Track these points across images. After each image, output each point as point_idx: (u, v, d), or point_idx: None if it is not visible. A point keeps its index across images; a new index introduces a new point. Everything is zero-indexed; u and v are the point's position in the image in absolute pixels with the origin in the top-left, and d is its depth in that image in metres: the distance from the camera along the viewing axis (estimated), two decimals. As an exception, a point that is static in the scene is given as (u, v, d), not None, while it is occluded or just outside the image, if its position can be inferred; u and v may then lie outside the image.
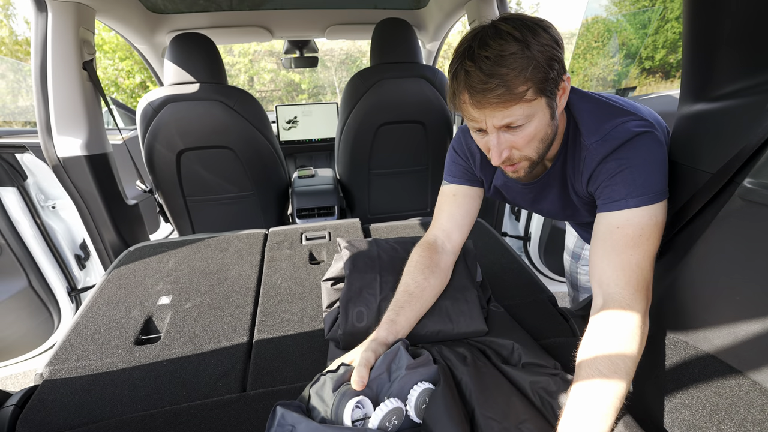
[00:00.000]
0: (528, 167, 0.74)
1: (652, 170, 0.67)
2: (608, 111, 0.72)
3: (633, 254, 0.64)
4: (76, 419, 0.73)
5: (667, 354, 0.65)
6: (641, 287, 0.62)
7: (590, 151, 0.71)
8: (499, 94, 0.62)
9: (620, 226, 0.66)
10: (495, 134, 0.68)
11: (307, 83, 17.50)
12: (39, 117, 1.28)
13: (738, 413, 0.52)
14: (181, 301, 1.03)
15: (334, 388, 0.61)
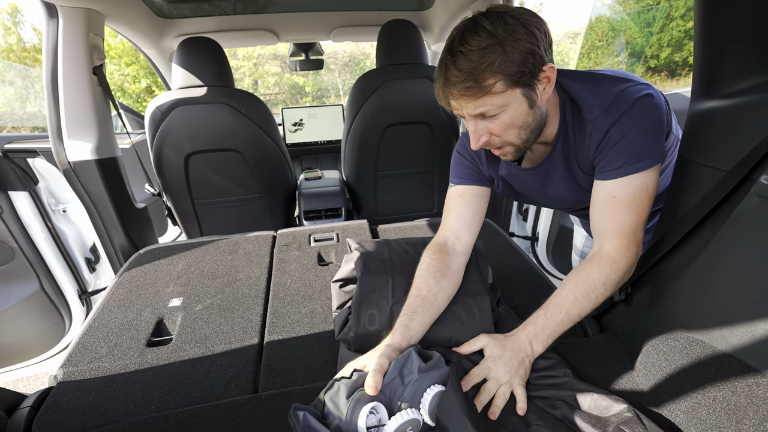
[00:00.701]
0: (514, 151, 0.80)
1: (649, 136, 0.72)
2: (605, 82, 0.76)
3: (627, 218, 0.74)
4: (90, 421, 0.73)
5: (683, 353, 0.64)
6: (632, 244, 0.75)
7: (596, 124, 0.74)
8: (468, 87, 0.68)
9: (616, 196, 0.74)
10: (472, 121, 0.75)
11: (311, 86, 17.58)
12: (50, 121, 1.29)
13: (757, 413, 0.51)
14: (192, 303, 1.03)
15: (348, 394, 0.60)
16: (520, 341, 0.74)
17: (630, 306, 0.86)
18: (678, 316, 0.68)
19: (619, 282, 0.76)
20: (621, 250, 0.75)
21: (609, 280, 0.74)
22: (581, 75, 0.79)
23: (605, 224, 0.76)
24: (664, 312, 0.73)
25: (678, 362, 0.65)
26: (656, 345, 0.71)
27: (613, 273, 0.74)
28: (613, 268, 0.75)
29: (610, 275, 0.74)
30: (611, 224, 0.75)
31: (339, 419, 0.58)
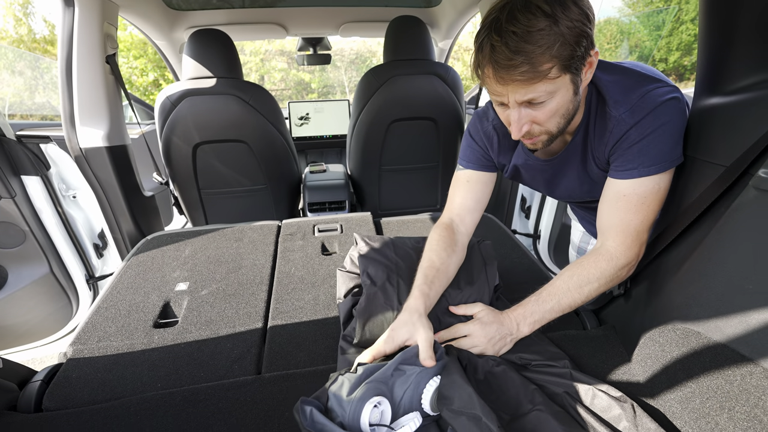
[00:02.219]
0: (546, 140, 0.76)
1: (668, 140, 0.70)
2: (634, 79, 0.72)
3: (633, 218, 0.73)
4: (99, 395, 0.76)
5: (678, 344, 0.65)
6: (635, 245, 0.75)
7: (618, 122, 0.71)
8: (524, 71, 0.62)
9: (626, 195, 0.73)
10: (516, 109, 0.69)
11: (317, 82, 17.60)
12: (63, 108, 1.32)
13: (749, 400, 0.52)
14: (198, 287, 1.05)
15: (351, 390, 0.60)
16: (509, 320, 0.77)
17: (628, 300, 0.87)
18: (675, 308, 0.69)
19: (614, 279, 0.76)
20: (622, 249, 0.75)
21: (604, 275, 0.75)
22: (612, 67, 0.76)
23: (611, 221, 0.76)
24: (662, 304, 0.74)
25: (674, 353, 0.66)
26: (653, 336, 0.72)
27: (609, 269, 0.75)
28: (611, 264, 0.75)
29: (606, 271, 0.75)
30: (617, 222, 0.75)
31: (342, 415, 0.58)
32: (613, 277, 0.76)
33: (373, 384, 0.60)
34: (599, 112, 0.76)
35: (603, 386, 0.66)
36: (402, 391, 0.63)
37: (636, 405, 0.62)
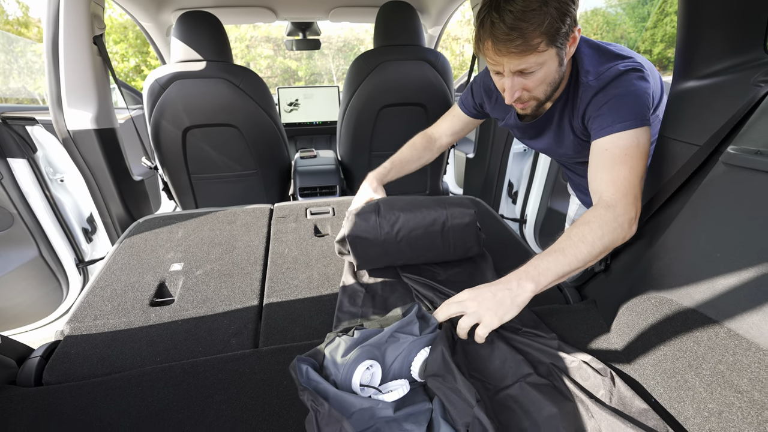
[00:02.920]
0: (535, 106, 0.88)
1: (633, 101, 0.78)
2: (606, 55, 0.84)
3: (620, 169, 0.76)
4: (99, 369, 0.77)
5: (653, 312, 0.70)
6: (629, 194, 0.74)
7: (586, 89, 0.83)
8: (518, 45, 0.73)
9: (608, 148, 0.78)
10: (510, 78, 0.81)
11: (304, 70, 17.34)
12: (50, 90, 1.29)
13: (713, 357, 0.57)
14: (192, 268, 1.07)
15: (345, 352, 0.64)
16: (509, 280, 0.72)
17: (609, 275, 0.92)
18: (650, 279, 0.74)
19: (619, 227, 0.72)
20: (617, 196, 0.74)
21: (607, 224, 0.72)
22: (594, 45, 0.87)
23: (600, 176, 0.78)
24: (639, 277, 0.79)
25: (648, 320, 0.71)
26: (630, 307, 0.77)
27: (612, 217, 0.72)
28: (610, 211, 0.73)
29: (609, 218, 0.72)
30: (605, 175, 0.77)
31: (336, 374, 0.62)
32: (615, 227, 0.72)
33: (368, 348, 0.63)
34: (576, 82, 0.87)
35: (587, 357, 0.71)
36: (393, 356, 0.67)
37: (616, 375, 0.66)
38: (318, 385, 0.59)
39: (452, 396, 0.60)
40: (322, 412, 0.55)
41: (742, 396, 0.53)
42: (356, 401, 0.59)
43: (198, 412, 0.67)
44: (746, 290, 0.55)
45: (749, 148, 0.56)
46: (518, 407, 0.64)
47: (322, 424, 0.54)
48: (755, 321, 0.53)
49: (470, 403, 0.57)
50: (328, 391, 0.59)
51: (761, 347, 0.52)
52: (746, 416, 0.52)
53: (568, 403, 0.63)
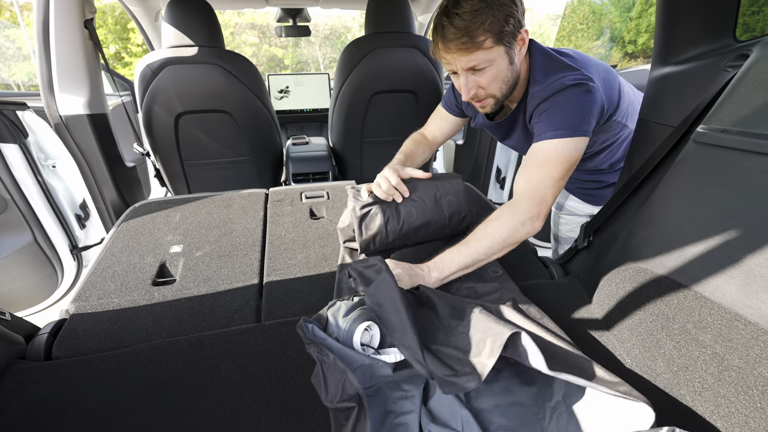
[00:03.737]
0: (493, 104, 0.94)
1: (570, 113, 0.84)
2: (557, 66, 0.89)
3: (536, 172, 0.85)
4: (107, 344, 0.80)
5: (630, 281, 0.76)
6: (535, 195, 0.83)
7: (533, 97, 0.90)
8: (464, 42, 0.80)
9: (535, 152, 0.87)
10: (464, 75, 0.87)
11: (290, 58, 17.06)
12: (41, 74, 1.28)
13: (682, 318, 0.63)
14: (192, 250, 1.09)
15: (346, 312, 0.69)
16: (423, 266, 0.84)
17: (591, 251, 0.98)
18: (629, 252, 0.80)
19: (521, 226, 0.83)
20: (524, 197, 0.84)
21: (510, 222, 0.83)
22: (548, 54, 0.92)
23: (521, 176, 0.88)
24: (619, 251, 0.84)
25: (626, 289, 0.77)
26: (609, 278, 0.83)
27: (513, 215, 0.83)
28: (513, 210, 0.84)
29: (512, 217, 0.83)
30: (524, 175, 0.87)
31: (338, 333, 0.67)
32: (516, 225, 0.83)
33: (367, 310, 0.68)
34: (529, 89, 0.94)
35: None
36: None
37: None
38: (324, 340, 0.64)
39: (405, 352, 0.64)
40: (327, 362, 0.60)
41: (705, 350, 0.59)
42: (357, 357, 0.63)
43: (207, 380, 0.71)
44: (712, 256, 0.61)
45: (717, 127, 0.61)
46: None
47: (327, 373, 0.59)
48: (719, 283, 0.59)
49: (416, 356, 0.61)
50: (332, 346, 0.63)
51: (723, 306, 0.58)
52: (708, 367, 0.58)
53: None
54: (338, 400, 0.57)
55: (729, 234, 0.58)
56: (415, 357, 0.56)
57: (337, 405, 0.56)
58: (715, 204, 0.61)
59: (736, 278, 0.57)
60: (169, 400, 0.67)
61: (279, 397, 0.67)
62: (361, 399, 0.56)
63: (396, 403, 0.62)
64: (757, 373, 0.52)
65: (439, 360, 0.57)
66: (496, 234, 0.83)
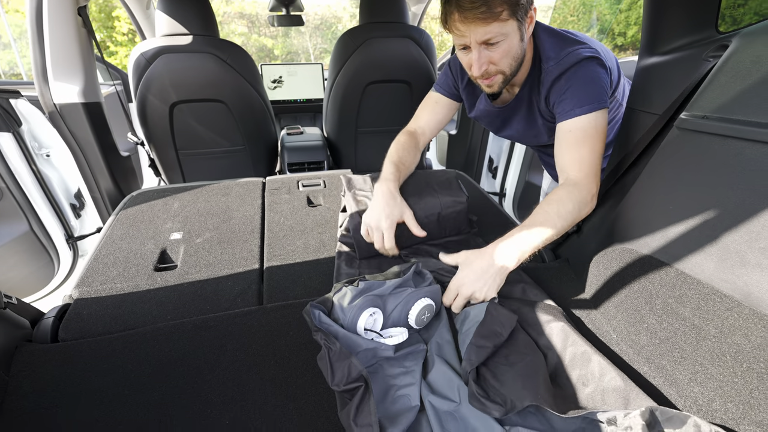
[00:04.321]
0: (502, 81, 0.92)
1: (593, 86, 0.85)
2: (565, 40, 0.91)
3: (582, 150, 0.85)
4: (113, 327, 0.82)
5: (617, 261, 0.80)
6: (591, 172, 0.85)
7: (548, 73, 0.90)
8: (482, 11, 0.79)
9: (571, 130, 0.87)
10: (477, 49, 0.86)
11: (280, 49, 16.83)
12: (35, 62, 1.28)
13: (664, 293, 0.67)
14: (192, 236, 1.11)
15: (351, 299, 0.72)
16: (500, 250, 0.79)
17: (580, 236, 1.02)
18: (616, 234, 0.84)
19: (586, 202, 0.83)
20: (581, 175, 0.85)
21: (576, 199, 0.82)
22: (553, 31, 0.94)
23: (566, 156, 0.88)
24: (606, 234, 0.89)
25: (613, 269, 0.81)
26: (597, 260, 0.87)
27: (579, 193, 0.83)
28: (578, 188, 0.83)
29: (577, 195, 0.83)
30: (572, 155, 0.87)
31: (343, 318, 0.70)
32: (583, 202, 0.83)
33: (371, 297, 0.71)
34: (537, 67, 0.94)
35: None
36: (393, 305, 0.75)
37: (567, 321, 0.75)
38: (329, 327, 0.67)
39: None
40: (333, 349, 0.63)
41: (685, 322, 0.63)
42: (362, 342, 0.67)
43: (213, 359, 0.74)
44: (691, 235, 0.65)
45: (698, 113, 0.65)
46: None
47: (334, 360, 0.62)
48: (698, 260, 0.64)
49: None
50: (338, 332, 0.66)
51: (701, 281, 0.62)
52: (688, 339, 0.62)
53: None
54: (344, 383, 0.60)
55: (707, 214, 0.62)
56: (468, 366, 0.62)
57: (343, 388, 0.60)
58: (696, 186, 0.65)
59: (713, 255, 0.61)
60: (178, 377, 0.69)
61: (284, 374, 0.70)
62: (365, 379, 0.59)
63: (397, 378, 0.65)
64: (731, 341, 0.57)
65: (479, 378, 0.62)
66: (568, 213, 0.81)
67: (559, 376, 0.66)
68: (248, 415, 0.63)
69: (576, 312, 0.83)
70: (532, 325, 0.75)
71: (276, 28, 2.26)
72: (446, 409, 0.61)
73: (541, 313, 0.76)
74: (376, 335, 0.72)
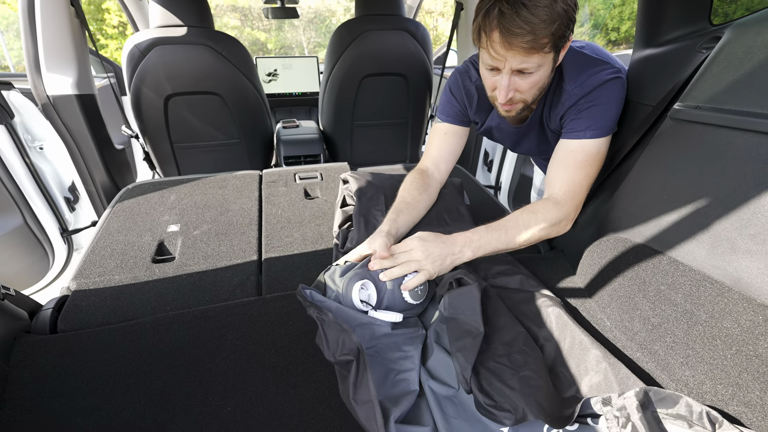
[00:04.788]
0: (521, 108, 0.87)
1: (611, 111, 0.83)
2: (587, 61, 0.85)
3: (578, 174, 0.84)
4: (112, 318, 0.82)
5: (611, 250, 0.82)
6: (577, 197, 0.84)
7: (569, 95, 0.84)
8: (528, 40, 0.69)
9: (574, 151, 0.84)
10: (508, 76, 0.78)
11: (274, 42, 16.68)
12: (27, 53, 1.26)
13: (656, 280, 0.69)
14: (189, 228, 1.11)
15: (342, 273, 0.74)
16: (455, 242, 0.78)
17: (575, 226, 1.03)
18: (610, 224, 0.85)
19: (558, 223, 0.83)
20: (567, 198, 0.84)
21: (550, 218, 0.82)
22: (575, 52, 0.87)
23: (560, 175, 0.86)
24: (601, 224, 0.90)
25: (607, 258, 0.83)
26: (591, 249, 0.89)
27: (556, 213, 0.82)
28: (557, 208, 0.83)
29: (554, 214, 0.82)
30: (565, 175, 0.85)
31: (337, 292, 0.72)
32: (557, 222, 0.83)
33: (362, 270, 0.73)
34: (558, 87, 0.88)
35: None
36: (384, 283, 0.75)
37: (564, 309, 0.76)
38: (322, 302, 0.68)
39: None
40: (326, 320, 0.64)
41: (677, 308, 0.65)
42: (356, 316, 0.68)
43: (214, 348, 0.74)
44: (684, 224, 0.66)
45: (691, 104, 0.66)
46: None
47: (327, 330, 0.63)
48: (690, 248, 0.65)
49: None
50: (331, 306, 0.68)
51: (693, 268, 0.64)
52: (680, 324, 0.64)
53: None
54: (339, 354, 0.61)
55: (699, 203, 0.64)
56: (463, 374, 0.60)
57: (338, 358, 0.61)
58: (688, 175, 0.67)
59: (705, 242, 0.62)
60: (179, 366, 0.70)
61: (284, 362, 0.71)
62: (359, 352, 0.60)
63: (396, 363, 0.66)
64: (721, 326, 0.58)
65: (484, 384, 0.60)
66: (537, 229, 0.81)
67: (558, 366, 0.67)
68: (250, 402, 0.64)
69: (571, 301, 0.85)
70: (530, 316, 0.76)
71: (269, 22, 2.23)
72: (445, 394, 0.62)
73: (538, 303, 0.78)
74: (371, 308, 0.73)
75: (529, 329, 0.73)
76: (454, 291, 0.72)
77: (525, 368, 0.61)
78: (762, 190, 0.55)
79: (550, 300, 0.77)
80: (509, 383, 0.59)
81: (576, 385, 0.62)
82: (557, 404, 0.57)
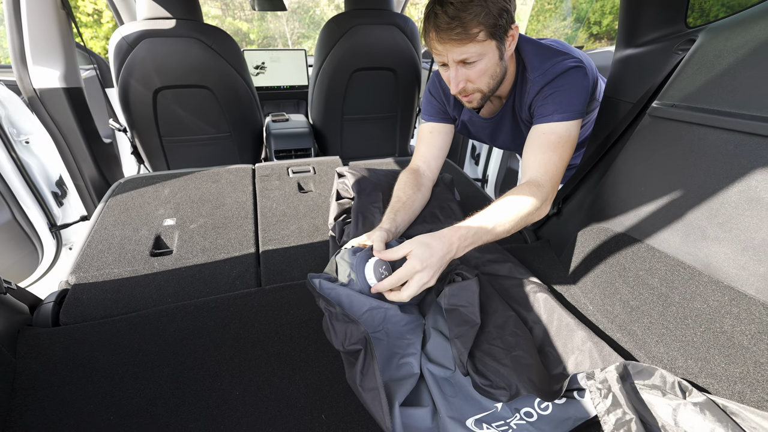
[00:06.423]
0: (480, 98, 0.92)
1: (576, 95, 0.87)
2: (548, 52, 0.91)
3: (552, 154, 0.85)
4: (114, 311, 0.84)
5: (594, 239, 0.87)
6: (554, 178, 0.85)
7: (533, 84, 0.90)
8: (458, 33, 0.79)
9: (545, 133, 0.87)
10: (454, 68, 0.86)
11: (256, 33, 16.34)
12: (12, 45, 1.23)
13: (635, 266, 0.75)
14: (186, 222, 1.12)
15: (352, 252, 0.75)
16: (450, 242, 0.73)
17: (560, 218, 1.09)
18: (593, 214, 0.91)
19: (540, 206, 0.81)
20: (546, 178, 0.84)
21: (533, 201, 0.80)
22: (537, 44, 0.93)
23: (536, 156, 0.87)
24: (584, 216, 0.95)
25: (590, 247, 0.88)
26: (576, 239, 0.94)
27: (539, 194, 0.81)
28: (540, 190, 0.82)
29: (536, 196, 0.81)
30: (540, 156, 0.86)
31: (350, 270, 0.73)
32: (540, 203, 0.80)
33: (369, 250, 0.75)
34: (522, 78, 0.94)
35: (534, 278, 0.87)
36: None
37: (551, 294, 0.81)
38: (331, 292, 0.71)
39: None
40: (334, 312, 0.67)
41: (653, 291, 0.70)
42: (367, 301, 0.71)
43: (218, 336, 0.77)
44: (660, 214, 0.72)
45: (668, 102, 0.71)
46: None
47: (334, 322, 0.67)
48: (665, 236, 0.71)
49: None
50: (340, 295, 0.71)
51: (668, 254, 0.70)
52: (656, 305, 0.70)
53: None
54: (347, 344, 0.64)
55: (674, 194, 0.69)
56: (461, 358, 0.64)
57: (346, 348, 0.64)
58: (665, 169, 0.72)
59: (678, 231, 0.68)
60: (185, 355, 0.72)
61: (288, 348, 0.74)
62: (366, 341, 0.63)
63: (400, 348, 0.70)
64: (693, 306, 0.64)
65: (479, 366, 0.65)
66: (526, 213, 0.79)
67: (547, 346, 0.72)
68: (257, 386, 0.67)
69: (557, 287, 0.90)
70: (520, 301, 0.81)
71: (251, 12, 2.21)
72: (443, 375, 0.67)
73: (527, 289, 0.83)
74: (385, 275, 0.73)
75: (519, 313, 0.78)
76: (454, 285, 0.75)
77: (517, 348, 0.65)
78: (730, 182, 0.61)
79: (537, 286, 0.82)
80: (503, 362, 0.63)
81: (563, 363, 0.67)
82: (547, 380, 0.62)
